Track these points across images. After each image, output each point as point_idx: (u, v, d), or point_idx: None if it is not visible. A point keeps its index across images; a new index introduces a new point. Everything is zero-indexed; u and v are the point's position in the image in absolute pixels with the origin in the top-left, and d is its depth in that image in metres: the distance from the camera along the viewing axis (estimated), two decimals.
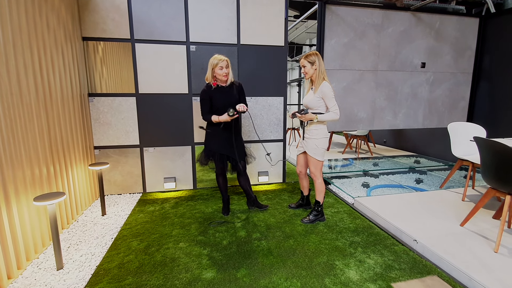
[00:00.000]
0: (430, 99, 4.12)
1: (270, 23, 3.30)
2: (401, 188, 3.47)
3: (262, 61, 3.37)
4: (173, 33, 3.09)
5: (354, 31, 3.63)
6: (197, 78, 3.22)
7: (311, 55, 2.31)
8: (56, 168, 2.32)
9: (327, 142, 2.38)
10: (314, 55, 2.31)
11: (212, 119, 2.41)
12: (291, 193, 3.33)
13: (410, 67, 3.95)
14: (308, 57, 2.32)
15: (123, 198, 3.14)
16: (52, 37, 2.34)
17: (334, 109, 2.26)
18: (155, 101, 3.18)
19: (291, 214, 2.72)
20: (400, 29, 3.81)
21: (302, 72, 2.38)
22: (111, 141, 3.15)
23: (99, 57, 2.98)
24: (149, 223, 2.53)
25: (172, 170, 3.37)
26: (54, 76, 2.35)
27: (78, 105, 2.76)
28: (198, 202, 3.03)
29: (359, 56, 3.70)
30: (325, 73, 2.31)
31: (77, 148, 2.71)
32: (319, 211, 2.52)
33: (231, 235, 2.29)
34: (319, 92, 2.29)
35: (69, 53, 2.62)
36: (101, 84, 3.03)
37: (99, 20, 2.91)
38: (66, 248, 2.12)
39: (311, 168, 2.43)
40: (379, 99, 3.89)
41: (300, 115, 2.33)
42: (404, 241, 2.20)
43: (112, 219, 2.62)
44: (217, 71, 2.38)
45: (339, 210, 2.79)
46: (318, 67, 2.28)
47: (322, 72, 2.29)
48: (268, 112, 3.51)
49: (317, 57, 2.29)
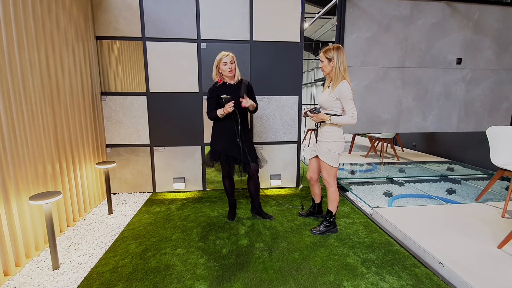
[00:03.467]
0: (467, 99, 3.66)
1: (285, 18, 3.11)
2: (428, 199, 3.11)
3: (276, 58, 3.19)
4: (183, 31, 3.02)
5: (378, 24, 3.31)
6: (207, 77, 3.12)
7: (329, 50, 2.07)
8: (63, 166, 2.33)
9: (341, 146, 2.15)
10: (333, 50, 2.05)
11: (217, 113, 2.29)
12: (304, 199, 3.11)
13: (443, 64, 3.54)
14: (327, 52, 2.08)
15: (132, 197, 3.14)
16: (62, 36, 2.36)
17: (352, 112, 2.01)
18: (165, 100, 3.13)
19: (300, 223, 2.51)
20: (432, 21, 3.42)
21: (319, 66, 2.17)
22: (122, 139, 3.15)
23: (114, 56, 2.99)
24: (152, 224, 2.46)
25: (182, 171, 3.30)
26: (63, 75, 2.37)
27: (89, 103, 2.78)
28: (205, 204, 2.93)
29: (383, 51, 3.38)
30: (346, 71, 2.05)
31: (87, 146, 2.73)
32: (331, 221, 2.30)
33: (232, 243, 2.15)
34: (336, 91, 2.06)
35: (80, 52, 2.64)
36: (114, 82, 3.04)
37: (112, 19, 2.92)
38: (67, 247, 2.11)
39: (324, 175, 2.21)
40: (406, 99, 3.53)
41: (311, 114, 2.12)
42: (428, 263, 1.91)
43: (117, 218, 2.60)
44: (221, 67, 2.26)
45: (354, 221, 2.53)
46: (336, 64, 2.04)
47: (341, 70, 2.04)
48: (282, 112, 3.32)
49: (337, 53, 2.04)
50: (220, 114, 2.26)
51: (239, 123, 2.30)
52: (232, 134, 2.32)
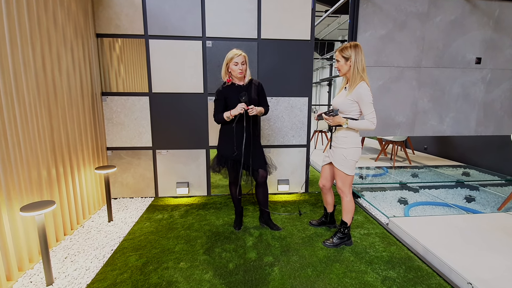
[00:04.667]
0: (486, 101, 3.46)
1: (294, 14, 2.95)
2: (447, 207, 2.92)
3: (285, 57, 3.03)
4: (188, 28, 2.86)
5: (394, 21, 3.13)
6: (213, 76, 2.97)
7: (346, 49, 1.90)
8: (60, 171, 2.20)
9: (358, 152, 1.98)
10: (351, 48, 1.88)
11: (224, 116, 2.13)
12: (314, 206, 2.95)
13: (462, 63, 3.35)
14: (344, 50, 1.91)
15: (134, 202, 3.00)
16: (59, 34, 2.22)
17: (371, 117, 1.84)
18: (168, 101, 2.99)
19: (311, 233, 2.35)
20: (451, 18, 3.23)
21: (335, 67, 1.99)
22: (124, 142, 3.02)
23: (115, 55, 2.85)
24: (154, 233, 2.32)
25: (185, 175, 3.16)
26: (60, 75, 2.23)
27: (89, 104, 2.65)
28: (210, 211, 2.78)
29: (398, 50, 3.20)
30: (364, 72, 1.88)
31: (87, 149, 2.60)
32: (346, 233, 2.13)
33: (240, 256, 2.00)
34: (354, 94, 1.88)
35: (79, 51, 2.50)
36: (116, 83, 2.90)
37: (113, 15, 2.78)
38: (63, 258, 1.98)
39: (338, 183, 2.04)
40: (422, 100, 3.34)
41: (327, 117, 1.94)
42: (455, 282, 1.74)
43: (117, 226, 2.46)
44: (231, 67, 2.10)
45: (369, 232, 2.36)
46: (353, 63, 1.87)
47: (359, 70, 1.87)
48: (290, 114, 3.16)
49: (355, 51, 1.87)
50: (227, 116, 2.11)
51: (250, 126, 2.15)
52: (241, 138, 2.16)
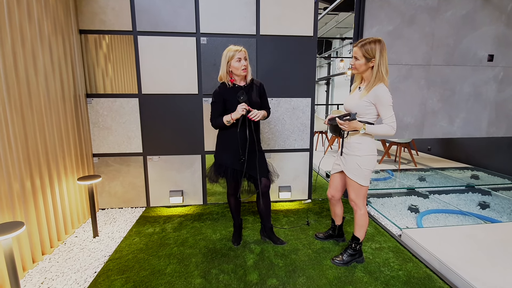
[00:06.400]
0: (499, 101, 3.28)
1: (296, 8, 2.72)
2: (461, 216, 2.73)
3: (286, 55, 2.81)
4: (180, 23, 2.63)
5: (402, 16, 2.92)
6: (208, 76, 2.74)
7: (370, 43, 1.60)
8: (36, 183, 1.95)
9: (373, 161, 1.75)
10: (375, 43, 1.59)
11: (223, 120, 1.90)
12: (319, 215, 2.73)
13: (473, 61, 3.15)
14: (366, 45, 1.61)
15: (123, 214, 2.76)
16: (34, 29, 1.97)
17: (390, 121, 1.62)
18: (160, 102, 2.75)
19: (318, 248, 2.13)
20: (462, 12, 3.03)
21: (351, 64, 1.72)
22: (111, 148, 2.77)
23: (102, 53, 2.60)
24: (143, 251, 2.08)
25: (179, 182, 2.92)
26: (36, 75, 1.98)
27: (71, 107, 2.40)
28: (206, 223, 2.55)
29: (406, 47, 2.99)
30: (386, 73, 1.62)
31: (69, 157, 2.35)
32: (357, 250, 1.91)
33: (239, 278, 1.77)
34: (371, 95, 1.64)
35: (59, 48, 2.25)
36: (103, 83, 2.65)
37: (98, 9, 2.53)
38: (39, 284, 1.73)
39: (351, 195, 1.82)
40: (431, 100, 3.14)
41: (342, 122, 1.67)
42: None
43: (103, 242, 2.22)
44: (234, 64, 1.86)
45: (381, 246, 2.15)
46: (377, 65, 1.60)
47: (382, 71, 1.61)
48: (292, 116, 2.93)
49: (379, 50, 1.59)
50: (227, 121, 1.88)
51: (253, 130, 1.93)
52: (244, 145, 1.93)
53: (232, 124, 1.89)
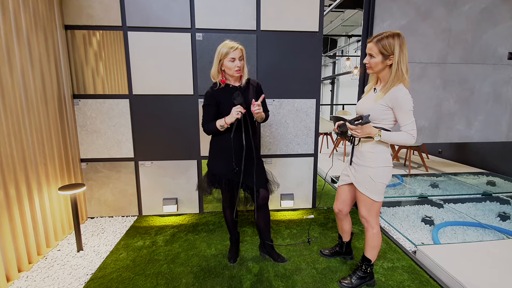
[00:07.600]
0: None
1: (300, 1, 2.50)
2: (480, 229, 2.48)
3: (289, 52, 2.58)
4: (174, 18, 2.42)
5: (416, 9, 2.68)
6: (204, 75, 2.53)
7: (388, 37, 1.36)
8: (10, 193, 1.76)
9: (389, 173, 1.52)
10: (394, 37, 1.36)
11: (217, 125, 1.68)
12: (324, 227, 2.51)
13: (493, 59, 2.89)
14: (383, 40, 1.37)
15: (112, 223, 2.56)
16: (8, 24, 1.78)
17: (410, 128, 1.40)
18: (152, 104, 2.55)
19: (323, 267, 1.91)
20: (481, 6, 2.78)
21: (364, 62, 1.50)
22: (100, 152, 2.58)
23: (92, 51, 2.40)
24: (129, 269, 1.88)
25: (174, 190, 2.72)
26: (11, 74, 1.79)
27: (54, 109, 2.21)
28: (200, 235, 2.35)
29: (421, 43, 2.75)
30: (407, 71, 1.39)
31: (52, 163, 2.16)
32: (368, 272, 1.69)
33: None
34: (389, 98, 1.42)
35: (40, 45, 2.06)
36: (92, 83, 2.46)
37: (84, 3, 2.34)
38: None
39: (362, 211, 1.60)
40: (448, 101, 2.89)
41: (354, 126, 1.43)
42: None
43: (87, 258, 2.03)
44: (226, 64, 1.65)
45: (394, 266, 1.92)
46: (396, 63, 1.37)
47: (402, 70, 1.38)
48: (295, 119, 2.71)
49: (399, 46, 1.35)
50: (221, 125, 1.66)
51: (250, 135, 1.72)
52: (240, 152, 1.72)
53: (226, 129, 1.68)
